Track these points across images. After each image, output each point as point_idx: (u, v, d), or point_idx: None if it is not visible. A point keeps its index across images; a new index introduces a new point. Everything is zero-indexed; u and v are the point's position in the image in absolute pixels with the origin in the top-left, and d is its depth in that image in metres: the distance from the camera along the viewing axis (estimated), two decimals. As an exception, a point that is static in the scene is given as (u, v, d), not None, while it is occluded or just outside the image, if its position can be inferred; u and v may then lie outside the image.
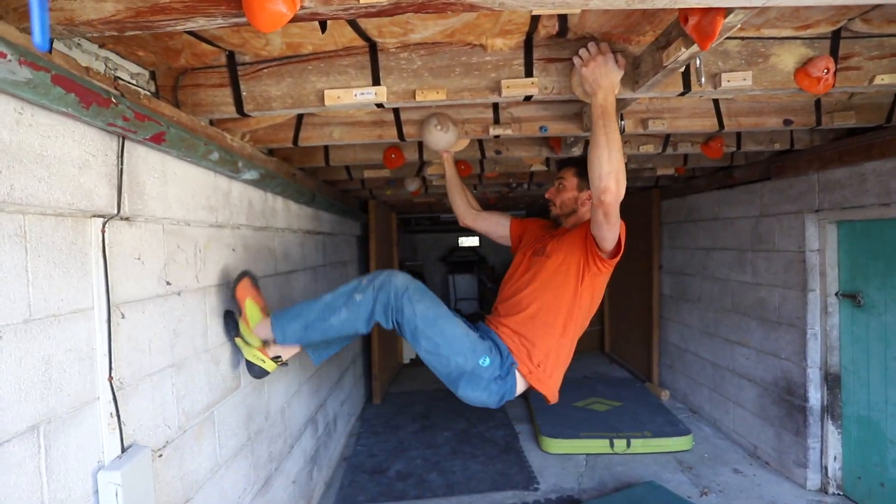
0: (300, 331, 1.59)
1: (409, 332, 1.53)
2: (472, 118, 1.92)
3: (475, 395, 1.56)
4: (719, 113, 1.93)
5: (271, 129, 1.97)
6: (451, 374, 1.54)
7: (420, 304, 1.51)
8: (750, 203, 3.04)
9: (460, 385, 1.54)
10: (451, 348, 1.52)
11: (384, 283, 1.53)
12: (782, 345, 2.77)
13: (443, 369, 1.55)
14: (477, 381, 1.53)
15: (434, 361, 1.54)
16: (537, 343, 1.58)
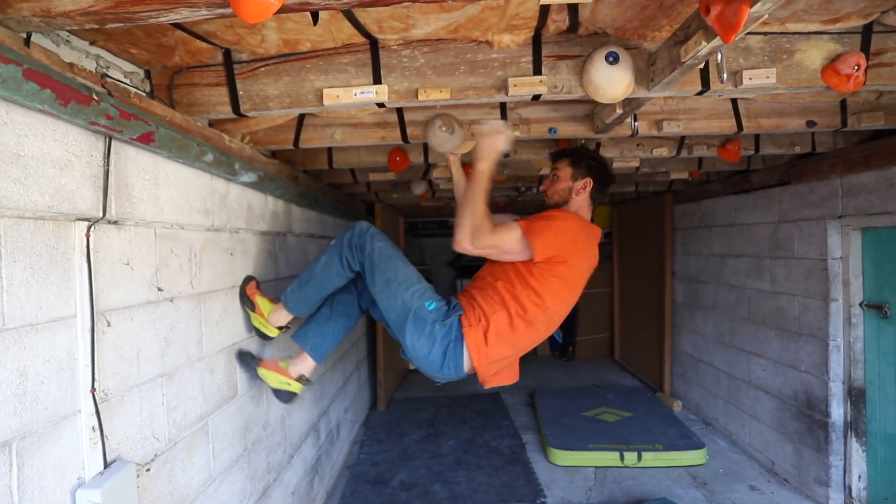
0: (296, 288, 1.80)
1: (368, 270, 1.63)
2: (479, 119, 1.85)
3: (419, 345, 1.55)
4: (738, 114, 1.84)
5: (272, 130, 1.92)
6: (399, 316, 1.57)
7: (380, 242, 1.65)
8: (768, 208, 2.93)
9: (406, 330, 1.55)
10: (401, 284, 1.59)
11: (352, 225, 1.73)
12: (802, 356, 2.66)
13: (392, 312, 1.59)
14: (421, 324, 1.54)
15: (385, 301, 1.59)
16: (483, 307, 1.57)
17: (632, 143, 2.33)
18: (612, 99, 1.34)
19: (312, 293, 1.79)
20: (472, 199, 1.52)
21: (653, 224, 4.41)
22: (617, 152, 2.33)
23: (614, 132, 1.84)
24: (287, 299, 1.82)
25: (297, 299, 1.81)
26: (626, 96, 1.34)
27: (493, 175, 1.55)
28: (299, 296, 1.80)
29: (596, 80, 1.30)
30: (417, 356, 1.58)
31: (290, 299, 1.81)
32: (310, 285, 1.77)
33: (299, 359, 1.87)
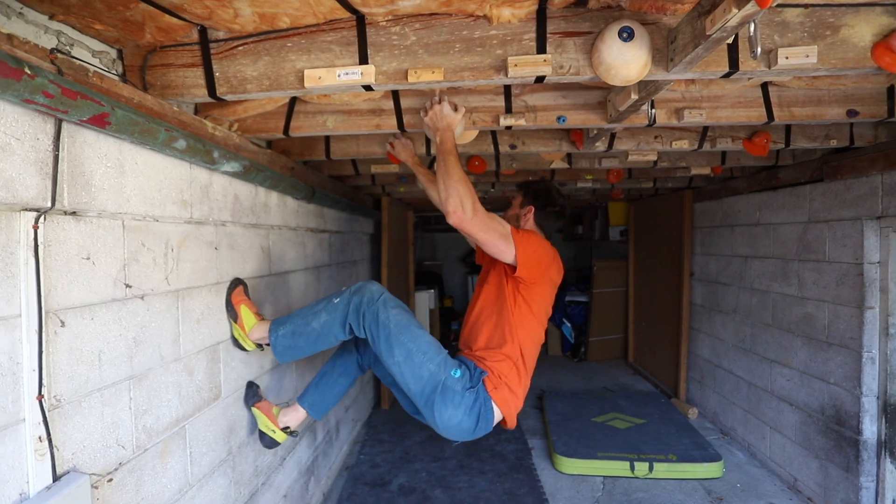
0: (289, 335, 1.67)
1: (383, 339, 1.52)
2: (481, 106, 1.71)
3: (452, 415, 1.51)
4: (768, 102, 1.66)
5: (261, 117, 1.81)
6: (425, 388, 1.51)
7: (394, 310, 1.55)
8: (797, 207, 2.72)
9: (436, 403, 1.50)
10: (425, 355, 1.52)
11: (360, 287, 1.62)
12: (831, 367, 2.46)
13: (416, 384, 1.52)
14: (452, 395, 1.50)
15: (407, 373, 1.52)
16: (496, 366, 1.60)
17: (649, 134, 2.16)
18: (625, 81, 1.18)
19: (304, 348, 1.67)
20: (446, 170, 1.49)
21: (671, 222, 4.20)
22: (633, 144, 2.16)
23: (629, 121, 1.68)
24: (277, 341, 1.68)
25: (287, 348, 1.68)
26: (641, 78, 1.19)
27: (455, 146, 1.55)
28: (290, 344, 1.67)
29: (608, 60, 1.15)
30: (447, 425, 1.53)
31: (279, 343, 1.68)
32: (303, 338, 1.65)
33: (291, 409, 1.88)
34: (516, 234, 1.56)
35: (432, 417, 1.52)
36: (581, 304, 5.64)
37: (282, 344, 1.67)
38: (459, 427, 1.53)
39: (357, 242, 3.81)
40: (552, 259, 1.69)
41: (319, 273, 2.89)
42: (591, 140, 2.00)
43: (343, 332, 1.60)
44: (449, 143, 1.55)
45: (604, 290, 5.33)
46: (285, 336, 1.67)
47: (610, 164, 2.63)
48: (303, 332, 1.64)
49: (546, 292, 1.69)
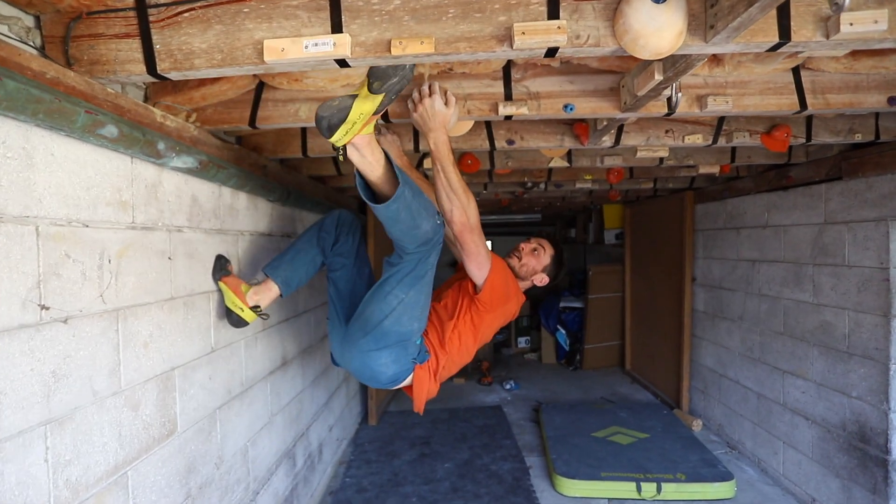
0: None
1: (409, 271, 1.46)
2: (476, 93, 1.50)
3: (385, 365, 1.56)
4: (801, 88, 1.47)
5: (222, 106, 1.57)
6: (387, 330, 1.51)
7: (435, 258, 1.53)
8: (811, 208, 2.55)
9: (386, 347, 1.53)
10: (419, 311, 1.54)
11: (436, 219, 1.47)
12: (853, 380, 2.28)
13: (390, 320, 1.51)
14: (401, 353, 1.56)
15: (388, 308, 1.49)
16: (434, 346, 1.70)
17: (660, 128, 1.96)
18: (655, 53, 0.98)
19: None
20: (447, 181, 1.46)
21: (670, 225, 4.03)
22: (642, 139, 1.97)
23: (646, 110, 1.47)
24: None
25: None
26: (674, 50, 0.98)
27: (450, 148, 1.47)
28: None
29: (635, 27, 0.94)
30: (369, 366, 1.58)
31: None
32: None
33: (262, 286, 1.75)
34: (495, 260, 1.64)
35: (364, 348, 1.54)
36: (576, 309, 5.45)
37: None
38: (374, 375, 1.60)
39: (341, 248, 3.56)
40: (514, 295, 1.78)
41: (298, 282, 2.64)
42: (598, 134, 1.80)
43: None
44: (444, 146, 1.45)
45: (599, 296, 5.15)
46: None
47: (613, 162, 2.44)
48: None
49: (496, 322, 1.78)
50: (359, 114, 1.19)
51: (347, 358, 1.64)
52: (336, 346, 1.72)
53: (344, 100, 1.19)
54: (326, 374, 3.13)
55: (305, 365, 2.72)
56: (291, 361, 2.50)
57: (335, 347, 1.73)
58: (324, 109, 1.18)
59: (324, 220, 1.85)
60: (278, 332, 2.33)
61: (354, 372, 1.66)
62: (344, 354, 1.66)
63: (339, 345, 1.69)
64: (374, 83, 1.17)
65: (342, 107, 1.18)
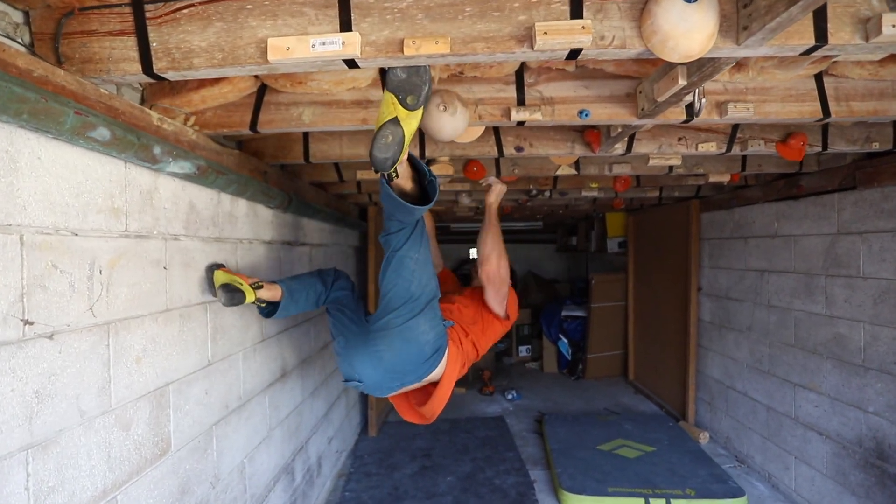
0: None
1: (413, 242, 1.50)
2: (488, 98, 1.44)
3: (425, 332, 1.57)
4: (823, 95, 1.42)
5: (222, 109, 1.51)
6: (424, 294, 1.55)
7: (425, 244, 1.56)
8: (823, 218, 2.50)
9: (422, 312, 1.54)
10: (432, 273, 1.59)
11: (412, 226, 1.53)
12: (869, 395, 2.22)
13: (418, 286, 1.53)
14: (432, 314, 1.59)
15: (418, 273, 1.52)
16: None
17: (672, 136, 1.91)
18: (684, 56, 0.92)
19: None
20: (497, 234, 1.83)
21: (675, 233, 3.98)
22: (655, 147, 1.91)
23: (663, 116, 1.42)
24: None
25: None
26: (704, 53, 0.93)
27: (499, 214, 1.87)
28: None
29: (665, 28, 0.88)
30: (411, 341, 1.55)
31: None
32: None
33: (268, 285, 1.70)
34: (511, 295, 1.94)
35: (400, 322, 1.53)
36: (578, 318, 5.38)
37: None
38: (420, 347, 1.56)
39: (341, 256, 3.50)
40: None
41: (298, 291, 2.56)
42: (611, 141, 1.75)
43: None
44: (496, 209, 1.88)
45: (602, 305, 5.09)
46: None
47: (621, 170, 2.39)
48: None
49: (495, 337, 1.97)
50: (409, 136, 1.14)
51: (382, 351, 1.58)
52: (360, 355, 1.62)
53: (392, 130, 1.11)
54: (326, 385, 3.05)
55: (305, 376, 2.64)
56: (291, 373, 2.42)
57: (359, 359, 1.62)
58: (380, 150, 1.11)
59: (322, 268, 2.03)
60: (277, 342, 2.26)
61: (392, 363, 1.58)
62: (376, 352, 1.59)
63: (363, 349, 1.61)
64: (408, 99, 1.09)
65: (396, 139, 1.11)
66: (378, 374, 1.60)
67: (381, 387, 1.66)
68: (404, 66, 1.04)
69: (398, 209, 1.35)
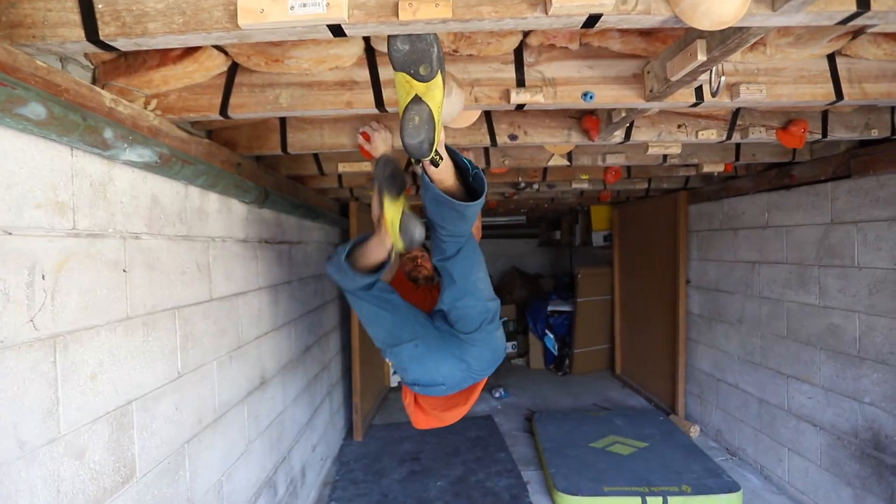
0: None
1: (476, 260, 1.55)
2: (485, 78, 1.32)
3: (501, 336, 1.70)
4: (836, 76, 1.35)
5: (189, 92, 1.34)
6: (491, 306, 1.61)
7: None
8: (816, 207, 2.47)
9: (492, 323, 1.62)
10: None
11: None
12: (865, 386, 2.20)
13: (490, 297, 1.61)
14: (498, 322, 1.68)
15: (481, 287, 1.57)
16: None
17: (672, 123, 1.83)
18: (717, 22, 0.82)
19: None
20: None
21: (662, 226, 3.95)
22: (654, 135, 1.83)
23: (673, 98, 1.33)
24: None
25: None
26: (737, 20, 0.82)
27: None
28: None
29: (696, -12, 0.77)
30: (495, 348, 1.67)
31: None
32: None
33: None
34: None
35: (489, 333, 1.61)
36: (564, 313, 5.33)
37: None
38: (499, 353, 1.70)
39: (322, 254, 3.33)
40: None
41: (277, 293, 2.41)
42: (612, 128, 1.65)
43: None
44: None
45: (588, 299, 5.05)
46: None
47: (615, 160, 2.30)
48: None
49: None
50: (438, 110, 1.01)
51: (471, 359, 1.63)
52: (447, 360, 1.63)
53: (416, 110, 0.99)
54: (309, 390, 2.90)
55: (286, 382, 2.48)
56: (271, 380, 2.26)
57: (448, 363, 1.63)
58: (411, 135, 0.99)
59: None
60: (256, 348, 2.10)
61: (477, 366, 1.65)
62: (465, 359, 1.63)
63: (450, 354, 1.63)
64: (420, 69, 0.95)
65: (424, 117, 0.98)
66: (464, 375, 1.66)
67: (459, 386, 1.72)
68: (404, 37, 0.91)
69: (449, 212, 1.27)
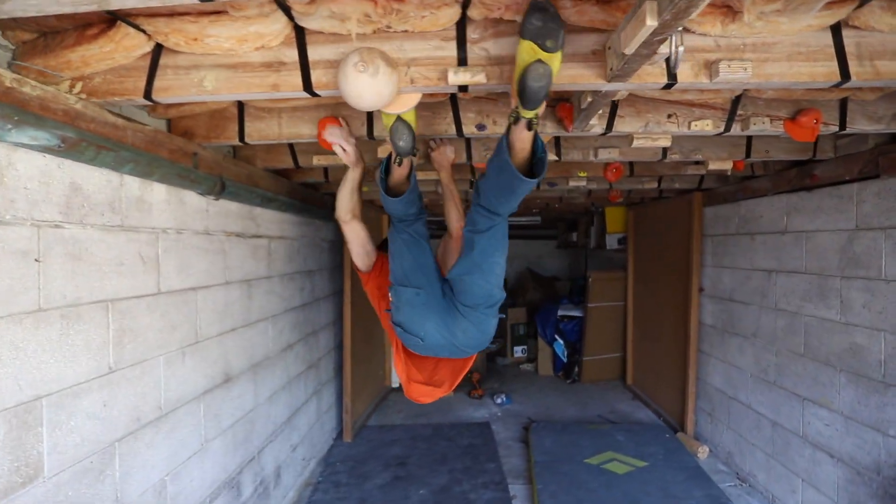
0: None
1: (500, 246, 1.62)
2: (423, 57, 1.18)
3: (493, 325, 1.76)
4: (842, 52, 1.14)
5: (113, 74, 1.27)
6: (491, 297, 1.68)
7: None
8: (840, 211, 2.20)
9: (490, 314, 1.72)
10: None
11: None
12: (891, 416, 1.93)
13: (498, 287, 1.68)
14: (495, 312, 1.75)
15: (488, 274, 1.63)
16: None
17: (661, 111, 1.64)
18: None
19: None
20: (457, 197, 1.94)
21: (676, 229, 3.68)
22: (640, 125, 1.64)
23: (638, 78, 1.15)
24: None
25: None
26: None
27: (452, 178, 1.96)
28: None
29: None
30: (483, 331, 1.74)
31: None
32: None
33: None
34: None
35: (482, 318, 1.69)
36: (575, 318, 5.09)
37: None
38: (487, 337, 1.77)
39: (313, 250, 3.27)
40: None
41: (252, 287, 2.34)
42: (584, 115, 1.48)
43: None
44: (451, 174, 1.96)
45: (600, 305, 4.80)
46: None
47: (609, 155, 2.11)
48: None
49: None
50: (556, 74, 1.12)
51: (458, 331, 1.71)
52: (435, 321, 1.70)
53: (542, 64, 1.05)
54: (289, 389, 2.83)
55: (259, 381, 2.42)
56: (238, 377, 2.20)
57: (434, 324, 1.71)
58: (535, 80, 1.06)
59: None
60: (218, 344, 2.03)
61: (463, 340, 1.72)
62: (453, 328, 1.71)
63: (442, 318, 1.70)
64: (548, 43, 1.04)
65: (547, 72, 1.06)
66: (444, 342, 1.73)
67: (436, 351, 1.79)
68: (539, 15, 1.01)
69: (507, 181, 1.34)
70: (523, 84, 1.05)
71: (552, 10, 1.03)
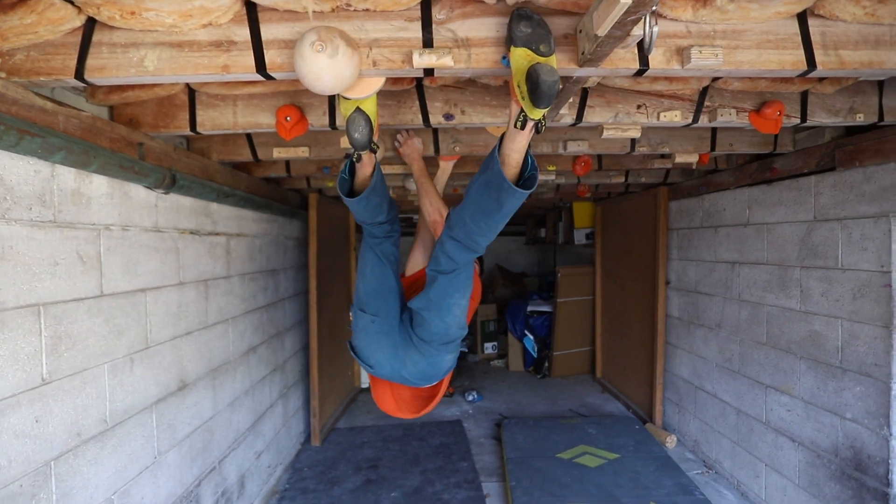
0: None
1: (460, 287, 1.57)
2: (386, 38, 1.11)
3: (450, 360, 1.70)
4: (808, 41, 1.14)
5: (38, 51, 1.13)
6: (451, 333, 1.62)
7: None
8: (798, 203, 2.26)
9: (447, 350, 1.65)
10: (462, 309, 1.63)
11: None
12: (847, 399, 2.00)
13: (456, 328, 1.62)
14: (455, 347, 1.70)
15: (448, 316, 1.58)
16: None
17: (631, 102, 1.62)
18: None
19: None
20: (430, 191, 1.85)
21: (643, 223, 3.74)
22: (610, 115, 1.62)
23: (610, 63, 1.11)
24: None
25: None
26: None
27: (424, 171, 1.90)
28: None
29: None
30: (436, 366, 1.67)
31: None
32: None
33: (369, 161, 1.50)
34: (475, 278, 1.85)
35: (437, 354, 1.63)
36: (544, 314, 5.13)
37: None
38: (440, 371, 1.70)
39: (277, 248, 3.13)
40: None
41: (209, 288, 2.20)
42: (555, 104, 1.44)
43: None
44: (423, 166, 1.91)
45: (569, 300, 4.84)
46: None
47: (578, 148, 2.09)
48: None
49: None
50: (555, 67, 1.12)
51: (408, 364, 1.66)
52: (387, 351, 1.66)
53: (547, 63, 1.05)
54: (253, 393, 2.69)
55: (218, 386, 2.28)
56: (195, 384, 2.06)
57: (385, 354, 1.67)
58: (548, 74, 1.01)
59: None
60: (172, 349, 1.89)
61: (412, 372, 1.67)
62: (403, 361, 1.66)
63: (394, 348, 1.66)
64: (541, 47, 1.07)
65: (554, 71, 1.02)
66: (393, 373, 1.68)
67: (385, 376, 1.73)
68: (525, 23, 1.04)
69: (491, 197, 1.27)
70: (536, 81, 1.02)
71: (536, 17, 1.05)
